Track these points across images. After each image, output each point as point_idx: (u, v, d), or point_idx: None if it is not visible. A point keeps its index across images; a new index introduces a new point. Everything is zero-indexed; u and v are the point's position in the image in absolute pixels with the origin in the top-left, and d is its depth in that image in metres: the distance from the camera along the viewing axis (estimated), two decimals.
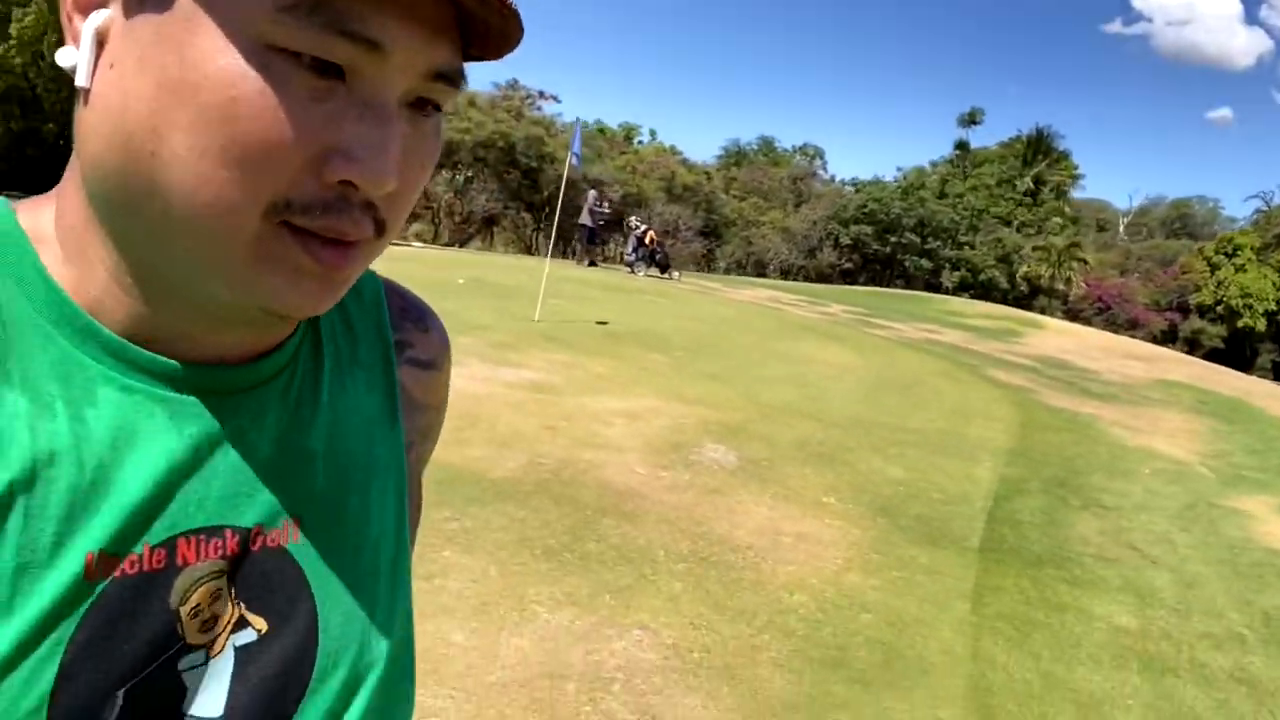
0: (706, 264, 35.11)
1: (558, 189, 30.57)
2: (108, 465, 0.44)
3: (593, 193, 19.09)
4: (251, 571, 0.49)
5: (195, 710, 0.47)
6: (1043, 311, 29.27)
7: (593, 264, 17.84)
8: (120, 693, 0.44)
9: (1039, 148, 44.60)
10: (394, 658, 0.56)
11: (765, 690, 3.11)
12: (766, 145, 63.66)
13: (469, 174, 32.68)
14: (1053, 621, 4.09)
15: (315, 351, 0.55)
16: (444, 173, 31.16)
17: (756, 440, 6.22)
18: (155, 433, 0.46)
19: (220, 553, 0.48)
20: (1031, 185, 43.74)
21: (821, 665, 3.35)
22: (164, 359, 0.46)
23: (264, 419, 0.50)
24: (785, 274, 36.02)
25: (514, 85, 36.21)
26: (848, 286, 26.30)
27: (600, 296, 12.72)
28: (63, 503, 0.43)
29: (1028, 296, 37.77)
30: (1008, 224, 42.63)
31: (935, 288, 35.44)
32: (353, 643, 0.53)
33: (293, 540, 0.51)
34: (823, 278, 34.54)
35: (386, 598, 0.56)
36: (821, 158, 65.36)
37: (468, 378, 6.43)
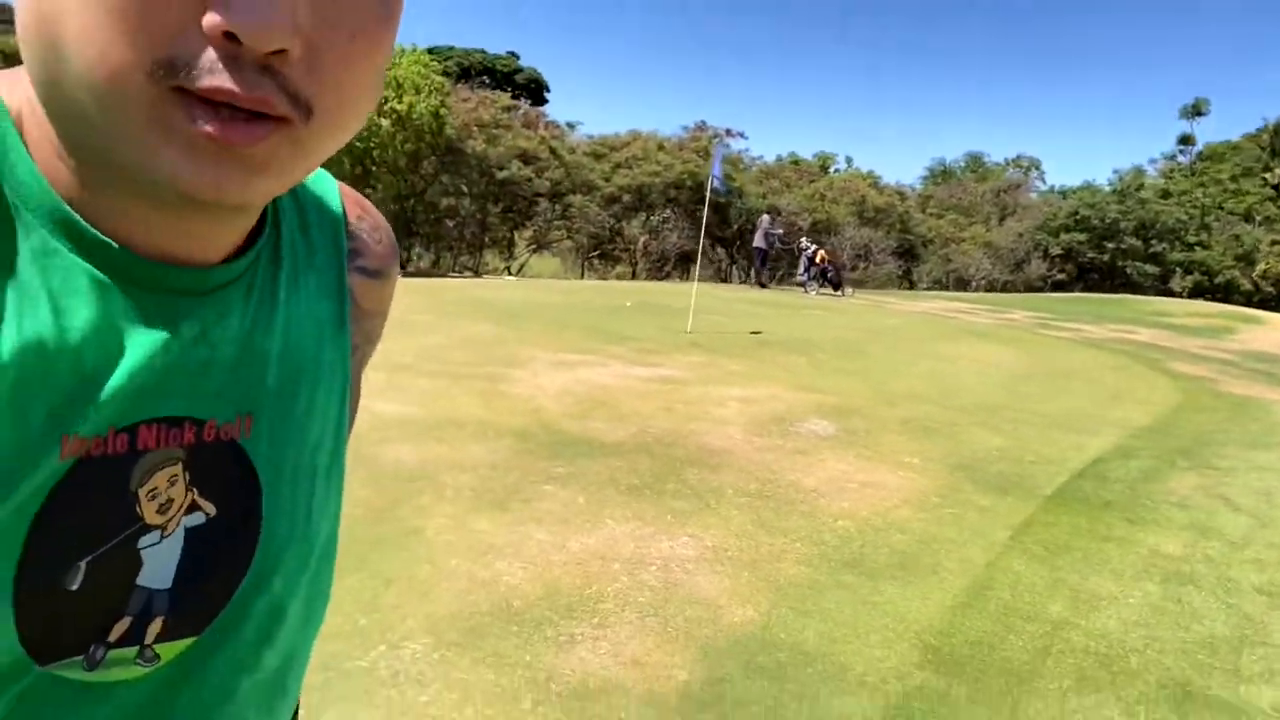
0: (904, 284, 34.64)
1: (748, 221, 31.48)
2: (84, 355, 0.46)
3: (766, 217, 19.80)
4: (205, 461, 0.52)
5: (146, 581, 0.50)
6: None
7: (763, 285, 18.52)
8: (83, 564, 0.47)
9: None
10: (324, 550, 0.60)
11: (779, 577, 3.80)
12: (974, 161, 61.73)
13: (665, 215, 34.25)
14: (1091, 547, 4.43)
15: (275, 254, 0.56)
16: (640, 215, 32.97)
17: (863, 417, 6.77)
18: (127, 327, 0.48)
19: (179, 442, 0.50)
20: None
21: (839, 564, 3.97)
22: (143, 259, 0.48)
23: (228, 319, 0.52)
24: (990, 290, 34.79)
25: (701, 126, 37.77)
26: (1045, 294, 25.26)
27: (764, 312, 13.45)
28: (44, 387, 0.44)
29: (1277, 299, 34.17)
30: (1248, 220, 38.86)
31: (1166, 294, 32.95)
32: (291, 532, 0.57)
33: (244, 435, 0.53)
34: (1032, 290, 33.13)
35: (323, 493, 0.59)
36: (1038, 169, 62.31)
37: (605, 374, 7.44)
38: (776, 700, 2.84)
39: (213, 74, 0.39)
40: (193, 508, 0.52)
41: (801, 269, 18.04)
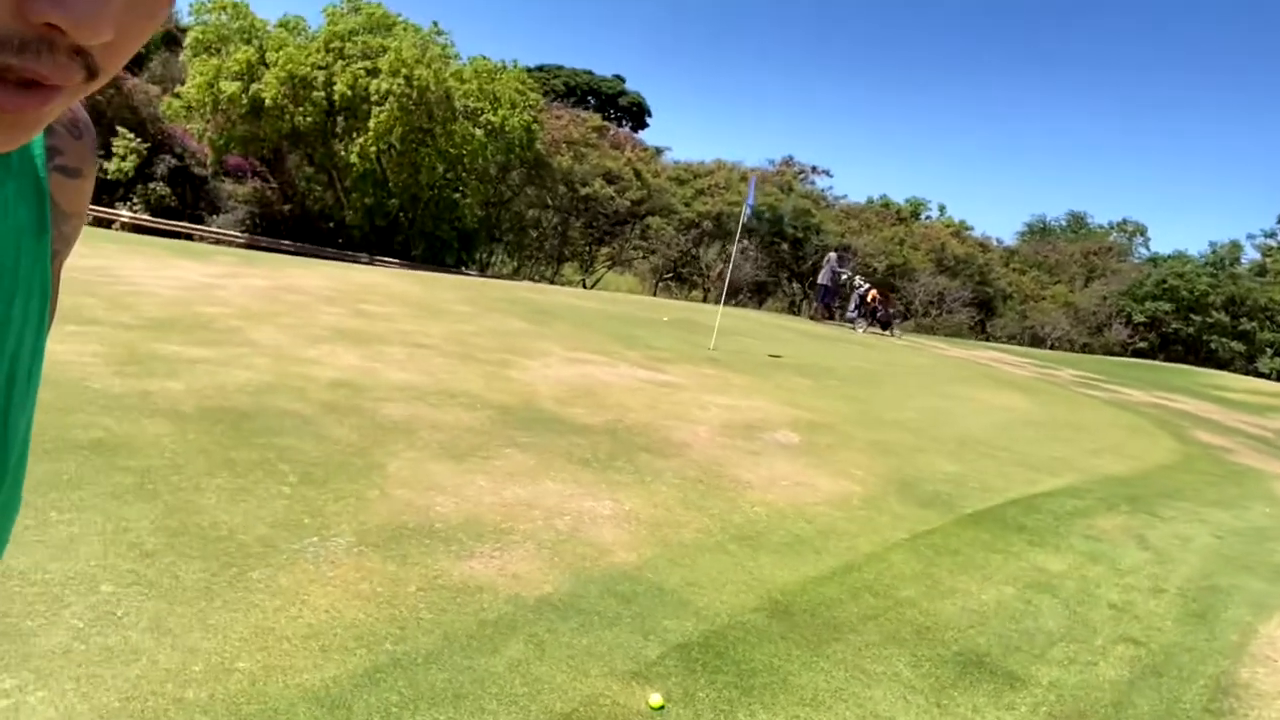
0: (977, 335, 34.41)
1: (822, 255, 31.88)
2: None
3: (834, 254, 20.25)
4: None
5: None
6: None
7: (820, 319, 18.94)
8: None
9: None
10: (20, 453, 0.58)
11: (673, 538, 4.40)
12: (1076, 221, 60.68)
13: (743, 245, 34.80)
14: (978, 556, 4.89)
15: None
16: (717, 242, 33.66)
17: (833, 434, 7.28)
18: None
19: None
20: None
21: (732, 537, 4.55)
22: None
23: None
24: (1066, 350, 34.27)
25: (788, 161, 38.32)
26: (1102, 356, 24.91)
27: (796, 340, 13.95)
28: None
29: None
30: None
31: (1253, 374, 31.93)
32: None
33: None
34: (1109, 355, 32.53)
35: (20, 399, 0.57)
36: (1143, 234, 60.79)
37: (610, 372, 8.13)
38: (616, 614, 3.46)
39: (23, 55, 0.38)
40: None
41: (852, 306, 18.43)
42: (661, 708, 2.86)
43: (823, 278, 19.48)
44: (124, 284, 8.55)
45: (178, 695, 2.53)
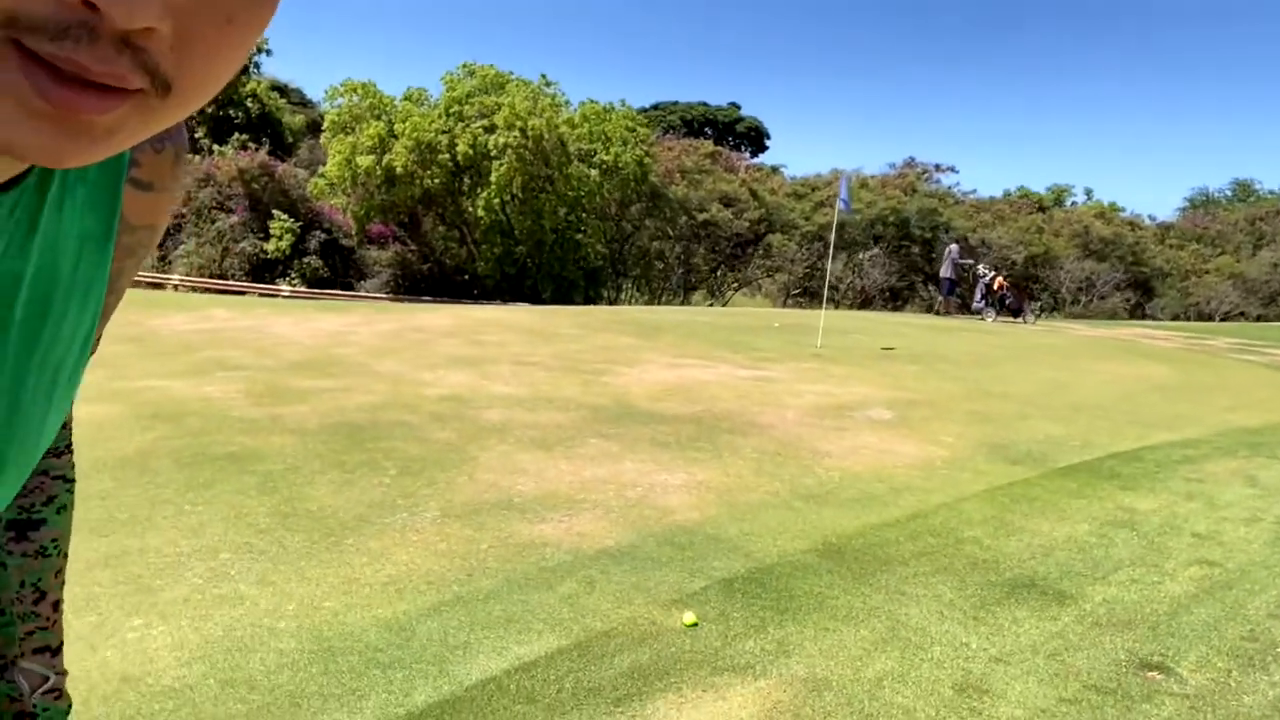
0: (1136, 317, 32.45)
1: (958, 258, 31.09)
2: None
3: (955, 246, 19.76)
4: None
5: None
6: None
7: (944, 313, 18.52)
8: None
9: None
10: (39, 454, 0.58)
11: (739, 500, 4.61)
12: (1242, 189, 56.55)
13: (873, 252, 34.27)
14: (1059, 501, 4.83)
15: (45, 175, 0.50)
16: (843, 254, 33.33)
17: (930, 409, 7.26)
18: None
19: None
20: None
21: (799, 497, 4.72)
22: None
23: None
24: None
25: (910, 163, 37.54)
26: (1267, 323, 22.94)
27: (916, 333, 13.75)
28: None
29: None
30: None
31: None
32: (21, 451, 0.54)
33: None
34: None
35: (57, 410, 0.57)
36: None
37: (707, 373, 8.40)
38: (669, 559, 3.73)
39: (62, 41, 0.34)
40: None
41: (978, 296, 17.91)
42: (695, 624, 3.11)
43: (945, 271, 19.07)
44: (270, 337, 9.54)
45: (272, 626, 2.99)
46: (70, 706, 1.18)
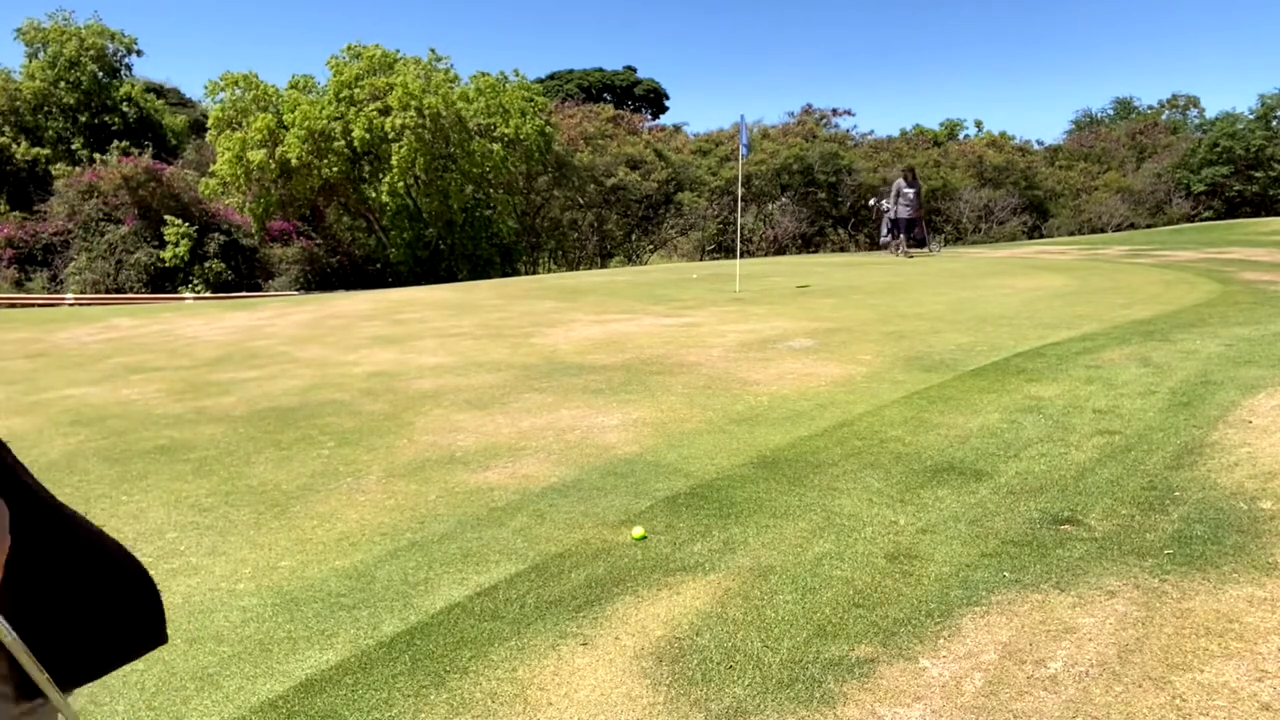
0: (1033, 238, 33.78)
1: (860, 198, 31.73)
2: None
3: (899, 181, 18.03)
4: None
5: None
6: None
7: (897, 253, 17.28)
8: None
9: None
10: None
11: (674, 430, 4.78)
12: (1123, 107, 58.83)
13: (781, 201, 34.78)
14: (972, 398, 5.13)
15: None
16: (753, 206, 33.76)
17: (848, 334, 7.54)
18: None
19: None
20: None
21: (731, 420, 4.91)
22: None
23: None
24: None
25: (808, 109, 38.10)
26: (1160, 229, 24.24)
27: (829, 271, 14.12)
28: None
29: None
30: None
31: None
32: None
33: None
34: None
35: None
36: (1196, 106, 58.57)
37: (632, 325, 8.53)
38: (613, 487, 3.87)
39: None
40: None
41: (884, 231, 18.38)
42: (644, 538, 3.26)
43: (900, 212, 17.70)
44: (182, 339, 9.31)
45: (230, 588, 3.04)
46: None
